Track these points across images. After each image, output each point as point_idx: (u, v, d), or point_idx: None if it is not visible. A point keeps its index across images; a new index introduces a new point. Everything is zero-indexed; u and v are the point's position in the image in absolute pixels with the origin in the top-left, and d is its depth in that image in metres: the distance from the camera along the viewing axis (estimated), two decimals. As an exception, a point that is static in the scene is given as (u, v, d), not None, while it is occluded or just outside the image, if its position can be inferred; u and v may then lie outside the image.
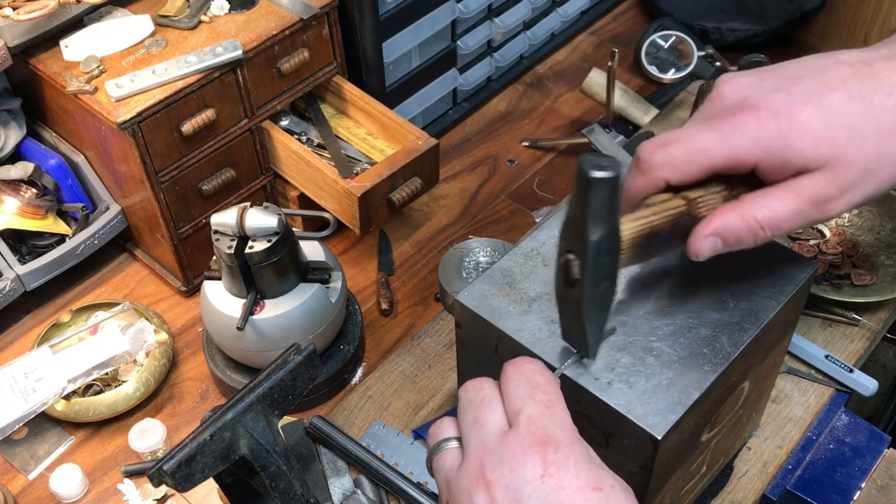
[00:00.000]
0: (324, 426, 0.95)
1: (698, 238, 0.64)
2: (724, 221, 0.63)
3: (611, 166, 0.57)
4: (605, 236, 0.59)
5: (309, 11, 1.06)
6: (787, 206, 0.62)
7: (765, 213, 0.62)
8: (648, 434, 0.63)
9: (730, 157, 0.63)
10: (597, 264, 0.60)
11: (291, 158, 1.11)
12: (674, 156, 0.64)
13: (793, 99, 0.62)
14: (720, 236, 0.64)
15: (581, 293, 0.61)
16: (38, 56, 1.04)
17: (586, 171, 0.56)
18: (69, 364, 1.02)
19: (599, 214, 0.58)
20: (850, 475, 0.93)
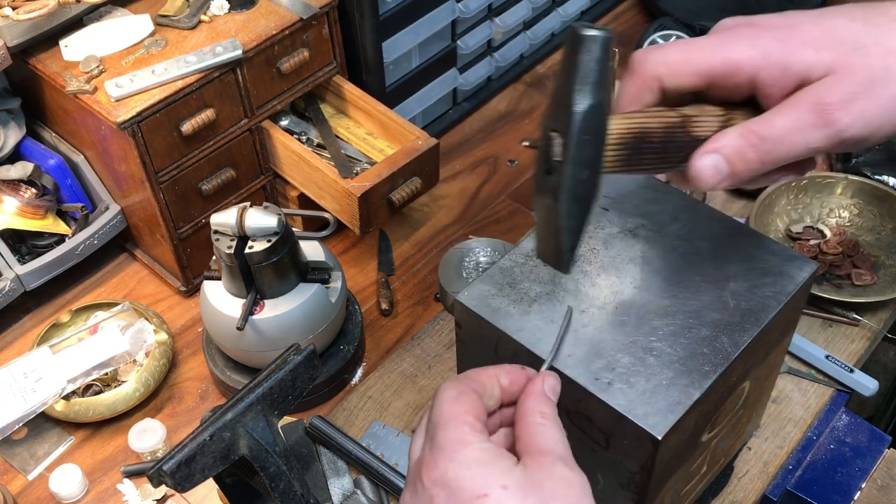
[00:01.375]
0: (324, 426, 0.95)
1: (698, 155, 0.60)
2: (724, 138, 0.60)
3: (604, 28, 0.53)
4: (593, 109, 0.55)
5: (309, 11, 1.06)
6: (786, 116, 0.58)
7: (764, 126, 0.58)
8: (648, 434, 0.63)
9: (727, 62, 0.60)
10: (580, 143, 0.56)
11: (291, 158, 1.11)
12: (669, 55, 0.61)
13: (791, 18, 0.60)
14: (720, 152, 0.59)
15: (560, 180, 0.57)
16: (38, 56, 1.04)
17: (578, 30, 0.53)
18: (69, 364, 1.02)
19: (587, 80, 0.54)
20: (850, 475, 0.93)
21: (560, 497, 0.51)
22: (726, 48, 0.60)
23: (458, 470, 0.52)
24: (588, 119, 0.55)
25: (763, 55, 0.59)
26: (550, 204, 0.58)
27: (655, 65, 0.61)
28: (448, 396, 0.56)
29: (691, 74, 0.60)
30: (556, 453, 0.54)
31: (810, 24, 0.59)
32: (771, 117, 0.58)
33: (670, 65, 0.61)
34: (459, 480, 0.52)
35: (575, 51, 0.54)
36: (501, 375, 0.59)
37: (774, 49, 0.58)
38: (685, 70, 0.60)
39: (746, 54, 0.59)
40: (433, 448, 0.54)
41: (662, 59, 0.61)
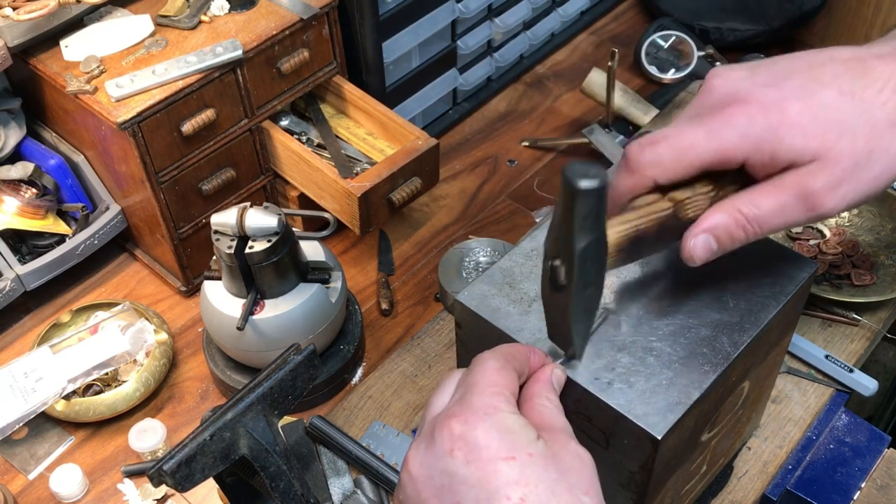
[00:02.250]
0: (324, 426, 0.95)
1: (689, 238, 0.64)
2: (713, 219, 0.63)
3: (597, 175, 0.56)
4: (592, 244, 0.59)
5: (309, 11, 1.06)
6: (771, 199, 0.62)
7: (750, 207, 0.62)
8: (648, 434, 0.63)
9: (719, 153, 0.62)
10: (583, 271, 0.60)
11: (291, 158, 1.11)
12: (662, 154, 0.64)
13: (783, 94, 0.62)
14: (711, 233, 0.63)
15: (567, 298, 0.61)
16: (38, 56, 1.04)
17: (573, 182, 0.55)
18: (69, 364, 1.02)
19: (586, 224, 0.57)
20: (850, 475, 0.93)
21: (576, 471, 0.54)
22: (718, 137, 0.62)
23: (488, 431, 0.53)
24: (589, 253, 0.59)
25: (754, 144, 0.62)
26: (559, 315, 0.63)
27: (649, 166, 0.64)
28: (491, 366, 0.59)
29: (686, 169, 0.64)
30: (568, 431, 0.57)
31: (800, 103, 0.61)
32: (758, 198, 0.62)
33: (664, 164, 0.64)
34: (488, 440, 0.53)
35: (572, 199, 0.56)
36: (533, 356, 0.63)
37: (765, 137, 0.61)
38: (678, 167, 0.64)
39: (738, 145, 0.62)
40: (465, 408, 0.55)
41: (656, 160, 0.64)
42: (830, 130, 0.61)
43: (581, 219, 0.57)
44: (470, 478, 0.52)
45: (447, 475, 0.52)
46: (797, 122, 0.61)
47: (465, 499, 0.51)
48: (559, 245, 0.60)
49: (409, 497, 0.54)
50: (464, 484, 0.52)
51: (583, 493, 0.53)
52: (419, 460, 0.54)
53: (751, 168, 0.63)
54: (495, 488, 0.51)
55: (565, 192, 0.57)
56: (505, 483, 0.51)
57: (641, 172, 0.64)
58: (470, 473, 0.52)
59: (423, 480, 0.54)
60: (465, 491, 0.52)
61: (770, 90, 0.62)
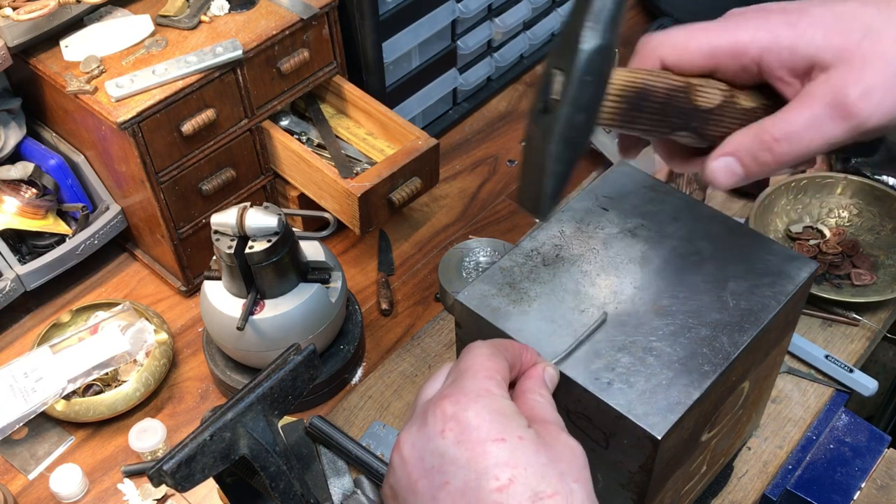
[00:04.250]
0: (324, 426, 0.95)
1: (712, 159, 0.59)
2: (736, 141, 0.59)
3: None
4: (600, 49, 0.54)
5: (309, 11, 1.06)
6: (804, 111, 0.56)
7: (780, 125, 0.57)
8: (648, 434, 0.63)
9: (732, 42, 0.59)
10: (582, 83, 0.54)
11: (291, 158, 1.11)
12: (673, 36, 0.61)
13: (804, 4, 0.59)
14: (734, 155, 0.59)
15: (555, 119, 0.56)
16: (38, 56, 1.04)
17: None
18: (69, 364, 1.02)
19: (598, 21, 0.53)
20: (850, 475, 0.94)
21: (566, 460, 0.53)
22: (733, 30, 0.59)
23: (480, 412, 0.53)
24: (594, 59, 0.54)
25: (770, 37, 0.58)
26: (540, 144, 0.57)
27: (659, 45, 0.61)
28: (483, 353, 0.58)
29: (696, 54, 0.60)
30: (560, 425, 0.57)
31: (821, 8, 0.58)
32: (787, 114, 0.57)
33: (674, 45, 0.61)
34: (479, 421, 0.53)
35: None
36: (525, 353, 0.62)
37: (782, 31, 0.57)
38: (689, 50, 0.60)
39: (753, 36, 0.58)
40: (457, 390, 0.55)
41: (667, 40, 0.61)
42: (854, 30, 0.56)
43: (595, 13, 0.53)
44: (460, 458, 0.51)
45: (437, 455, 0.52)
46: (817, 20, 0.57)
47: (455, 479, 0.51)
48: (563, 52, 0.55)
49: (400, 479, 0.54)
50: (453, 464, 0.51)
51: (572, 481, 0.52)
52: (410, 442, 0.54)
53: (768, 68, 0.58)
54: (484, 468, 0.51)
55: None
56: (494, 464, 0.51)
57: (649, 52, 0.61)
58: (460, 454, 0.51)
59: (413, 461, 0.53)
60: (454, 471, 0.51)
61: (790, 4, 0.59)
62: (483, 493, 0.50)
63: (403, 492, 0.54)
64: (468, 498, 0.50)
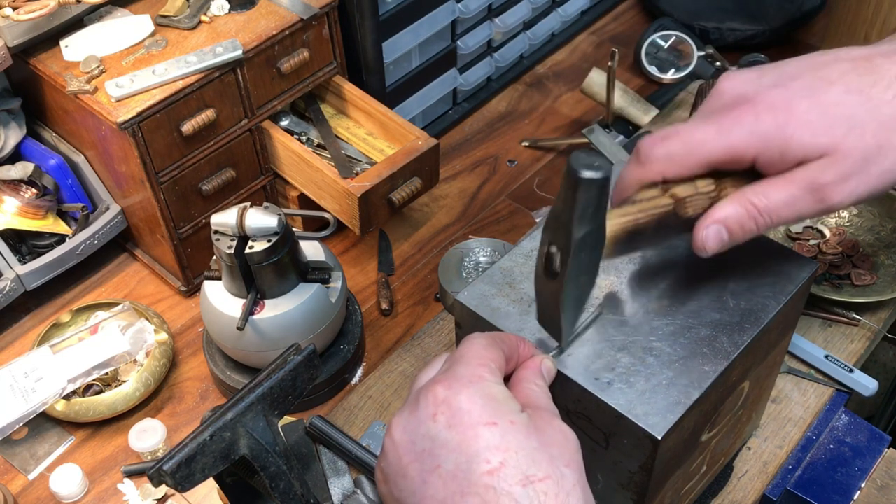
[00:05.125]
0: (324, 426, 0.95)
1: (701, 228, 0.64)
2: (725, 210, 0.64)
3: (601, 166, 0.57)
4: (590, 234, 0.60)
5: (309, 11, 1.06)
6: (782, 191, 0.62)
7: (761, 198, 0.63)
8: (648, 434, 0.63)
9: (728, 151, 0.63)
10: (578, 260, 0.60)
11: (291, 158, 1.11)
12: (672, 149, 0.65)
13: (790, 93, 0.63)
14: (723, 224, 0.64)
15: (560, 286, 0.61)
16: (38, 56, 1.04)
17: (576, 171, 0.56)
18: (69, 364, 1.02)
19: (586, 214, 0.58)
20: (850, 475, 0.93)
21: (558, 444, 0.53)
22: (728, 135, 0.63)
23: (472, 396, 0.54)
24: (586, 243, 0.60)
25: (762, 142, 0.62)
26: (551, 302, 0.64)
27: (659, 160, 0.65)
28: (479, 343, 0.59)
29: (695, 166, 0.65)
30: (554, 412, 0.57)
31: (807, 101, 0.62)
32: (767, 189, 0.63)
33: (674, 160, 0.65)
34: (470, 405, 0.53)
35: (574, 188, 0.57)
36: (522, 346, 0.63)
37: (773, 135, 0.62)
38: (689, 163, 0.64)
39: (747, 142, 0.63)
40: (450, 376, 0.56)
41: (667, 154, 0.65)
42: (839, 126, 0.61)
43: (582, 208, 0.57)
44: (450, 441, 0.52)
45: (429, 439, 0.53)
46: (805, 119, 0.62)
47: (446, 462, 0.51)
48: (557, 233, 0.60)
49: (391, 463, 0.54)
50: (444, 447, 0.52)
51: (564, 465, 0.52)
52: (402, 426, 0.55)
53: (761, 166, 0.64)
54: (475, 452, 0.51)
55: (569, 180, 0.57)
56: (485, 447, 0.51)
57: (651, 166, 0.65)
58: (451, 437, 0.52)
59: (404, 445, 0.54)
60: (445, 454, 0.52)
61: (777, 90, 0.63)
62: (474, 476, 0.50)
63: (394, 475, 0.54)
64: (459, 481, 0.51)
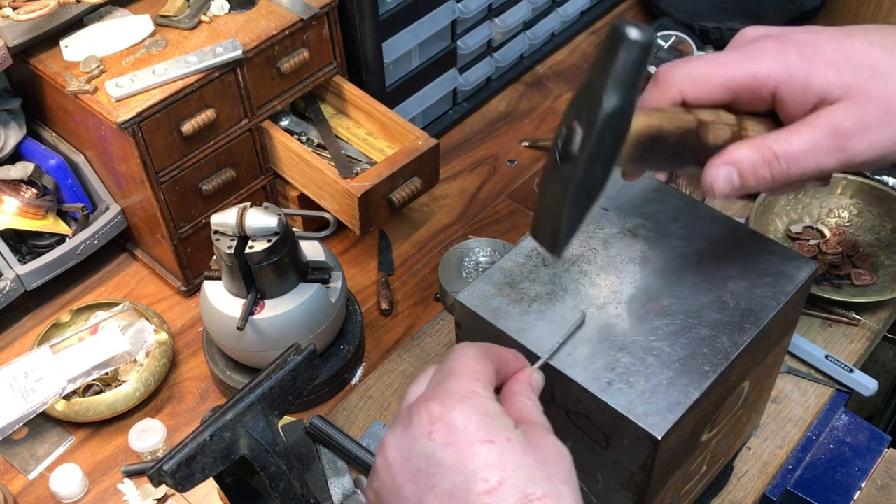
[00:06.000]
0: (324, 426, 0.95)
1: (711, 168, 0.61)
2: (738, 152, 0.61)
3: (647, 31, 0.53)
4: (620, 109, 0.55)
5: (309, 11, 1.06)
6: (803, 136, 0.60)
7: (781, 144, 0.60)
8: (648, 434, 0.63)
9: (751, 76, 0.61)
10: (601, 139, 0.56)
11: (291, 158, 1.11)
12: (694, 70, 0.63)
13: (816, 37, 0.62)
14: (735, 166, 0.61)
15: (573, 171, 0.57)
16: (38, 56, 1.04)
17: (621, 29, 0.53)
18: (69, 364, 1.02)
19: (622, 81, 0.54)
20: (850, 475, 0.94)
21: (553, 462, 0.52)
22: (751, 62, 0.62)
23: (467, 413, 0.52)
24: (614, 119, 0.55)
25: (786, 71, 0.60)
26: (557, 192, 0.59)
27: (680, 79, 0.63)
28: (470, 354, 0.57)
29: (716, 88, 0.62)
30: (547, 426, 0.56)
31: (832, 44, 0.61)
32: (788, 135, 0.60)
33: (696, 80, 0.62)
34: (466, 422, 0.52)
35: (615, 49, 0.53)
36: (512, 359, 0.61)
37: (798, 66, 0.60)
38: (710, 85, 0.62)
39: (770, 69, 0.61)
40: (442, 391, 0.54)
41: (687, 74, 0.63)
42: (863, 69, 0.60)
43: (620, 72, 0.54)
44: (447, 460, 0.50)
45: (424, 458, 0.51)
46: (830, 58, 0.60)
47: (442, 482, 0.50)
48: (584, 106, 0.56)
49: (384, 483, 0.53)
50: (440, 466, 0.50)
51: (561, 483, 0.51)
52: (395, 444, 0.53)
53: (781, 100, 0.61)
54: (472, 471, 0.50)
55: (610, 40, 0.53)
56: (483, 466, 0.50)
57: (670, 86, 0.63)
58: (447, 456, 0.50)
59: (398, 464, 0.52)
60: (441, 473, 0.50)
61: (802, 34, 0.62)
62: (471, 495, 0.49)
63: (388, 495, 0.53)
64: (456, 501, 0.49)
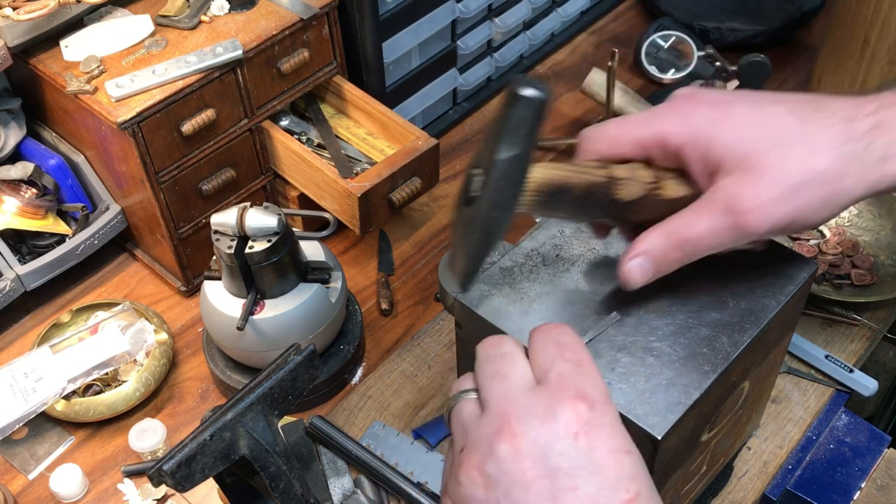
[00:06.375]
0: (324, 426, 0.95)
1: (625, 261, 0.65)
2: (648, 242, 0.64)
3: (542, 89, 0.57)
4: (514, 159, 0.58)
5: (309, 11, 1.06)
6: (704, 218, 0.62)
7: (685, 228, 0.63)
8: (648, 434, 0.63)
9: (657, 134, 0.64)
10: (497, 186, 0.59)
11: (291, 158, 1.11)
12: (608, 129, 0.66)
13: (732, 99, 0.64)
14: (646, 255, 0.64)
15: (474, 213, 0.61)
16: (38, 56, 1.04)
17: (515, 87, 0.56)
18: (69, 364, 1.02)
19: (514, 134, 0.57)
20: (850, 475, 0.94)
21: None
22: (659, 122, 0.65)
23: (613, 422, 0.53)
24: (509, 168, 0.59)
25: (690, 133, 0.63)
26: (463, 231, 0.63)
27: (597, 138, 0.67)
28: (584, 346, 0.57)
29: (627, 146, 0.66)
30: None
31: (746, 109, 0.63)
32: (691, 218, 0.63)
33: (609, 138, 0.66)
34: (612, 431, 0.52)
35: (510, 105, 0.57)
36: None
37: (701, 130, 0.62)
38: (621, 143, 0.66)
39: (676, 130, 0.64)
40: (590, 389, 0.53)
41: (603, 132, 0.67)
42: (766, 139, 0.61)
43: (512, 126, 0.57)
44: (592, 465, 0.50)
45: (567, 458, 0.50)
46: (737, 122, 0.62)
47: (586, 485, 0.49)
48: (483, 153, 0.61)
49: (508, 471, 0.50)
50: (585, 470, 0.50)
51: None
52: (531, 437, 0.50)
53: (685, 162, 0.64)
54: (616, 479, 0.50)
55: (507, 97, 0.57)
56: (626, 476, 0.50)
57: (587, 146, 0.67)
58: (592, 461, 0.50)
59: (533, 458, 0.50)
60: (585, 477, 0.50)
61: (720, 95, 0.65)
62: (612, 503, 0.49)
63: (509, 484, 0.50)
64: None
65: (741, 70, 1.19)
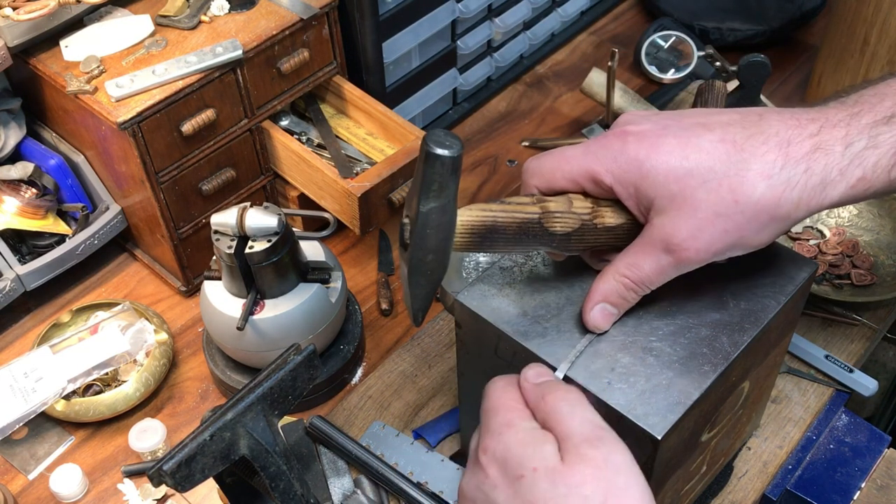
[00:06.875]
0: (324, 426, 0.95)
1: (588, 311, 0.68)
2: (602, 287, 0.67)
3: (453, 146, 0.59)
4: (435, 211, 0.61)
5: (309, 11, 1.06)
6: (648, 258, 0.65)
7: (633, 271, 0.66)
8: (648, 434, 0.63)
9: (588, 172, 0.66)
10: (423, 235, 0.63)
11: (291, 158, 1.11)
12: (543, 164, 0.68)
13: (664, 132, 0.64)
14: (605, 300, 0.67)
15: (410, 257, 0.64)
16: (38, 56, 1.04)
17: (427, 145, 0.59)
18: (69, 364, 1.02)
19: (430, 189, 0.60)
20: (850, 475, 0.94)
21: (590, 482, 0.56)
22: (590, 160, 0.66)
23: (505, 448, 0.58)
24: (429, 217, 0.62)
25: (620, 171, 0.65)
26: (406, 273, 0.66)
27: (532, 174, 0.69)
28: (497, 387, 0.64)
29: (561, 181, 0.68)
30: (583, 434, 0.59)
31: (675, 140, 0.63)
32: (636, 258, 0.66)
33: (543, 174, 0.68)
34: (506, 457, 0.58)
35: (424, 162, 0.60)
36: None
37: (631, 167, 0.64)
38: (555, 178, 0.68)
39: (607, 169, 0.65)
40: (485, 432, 0.60)
41: (538, 168, 0.69)
42: (696, 174, 0.62)
43: (429, 182, 0.60)
44: None
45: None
46: (664, 160, 0.62)
47: None
48: (410, 203, 0.63)
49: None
50: None
51: None
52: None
53: (619, 196, 0.66)
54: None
55: (420, 154, 0.60)
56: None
57: (525, 179, 0.69)
58: None
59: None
60: None
61: (654, 127, 0.65)
62: None
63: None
64: None
65: (741, 70, 1.19)
